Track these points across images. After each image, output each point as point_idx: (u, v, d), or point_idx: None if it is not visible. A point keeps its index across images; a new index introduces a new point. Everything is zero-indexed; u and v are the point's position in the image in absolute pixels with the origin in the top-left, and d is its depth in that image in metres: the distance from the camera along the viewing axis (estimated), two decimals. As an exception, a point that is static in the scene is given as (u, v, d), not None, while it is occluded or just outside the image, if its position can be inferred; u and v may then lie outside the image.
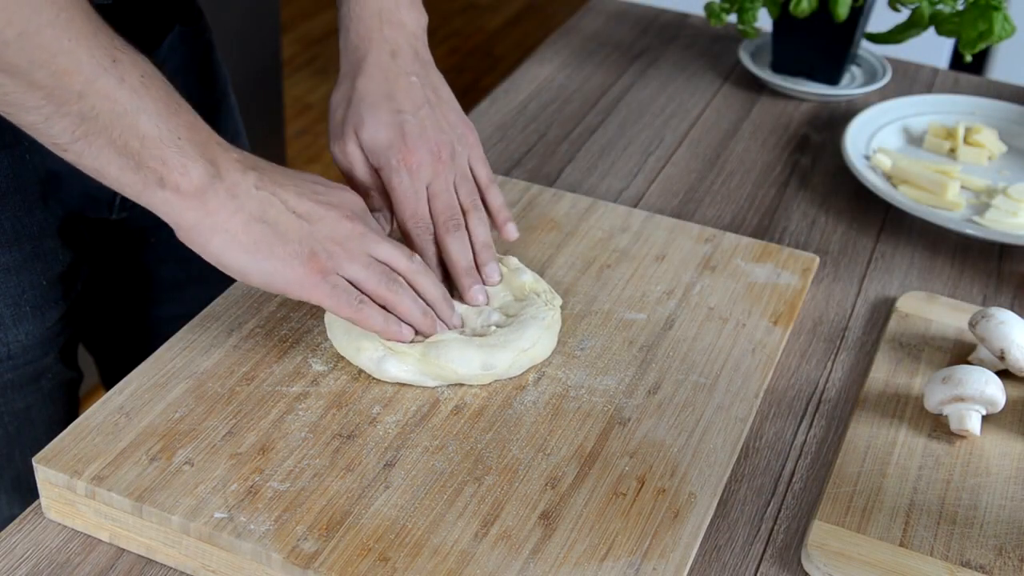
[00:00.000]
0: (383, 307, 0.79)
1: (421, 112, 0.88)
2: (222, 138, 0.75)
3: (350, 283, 0.78)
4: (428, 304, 0.82)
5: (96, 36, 0.68)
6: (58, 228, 0.93)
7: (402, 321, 0.80)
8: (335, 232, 0.77)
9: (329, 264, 0.76)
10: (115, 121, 0.69)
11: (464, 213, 0.88)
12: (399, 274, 0.80)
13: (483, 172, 0.91)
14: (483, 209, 0.89)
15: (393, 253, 0.80)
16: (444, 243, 0.87)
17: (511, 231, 0.91)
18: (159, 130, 0.70)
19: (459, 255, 0.86)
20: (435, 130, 0.88)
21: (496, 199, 0.91)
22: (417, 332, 0.81)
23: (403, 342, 0.80)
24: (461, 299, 0.86)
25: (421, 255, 0.86)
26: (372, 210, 0.89)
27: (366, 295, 0.78)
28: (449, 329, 0.83)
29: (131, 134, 0.69)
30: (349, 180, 0.89)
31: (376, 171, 0.88)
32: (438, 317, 0.82)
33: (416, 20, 0.91)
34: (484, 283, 0.87)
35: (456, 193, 0.88)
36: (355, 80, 0.88)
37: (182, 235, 0.74)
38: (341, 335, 0.81)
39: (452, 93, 0.92)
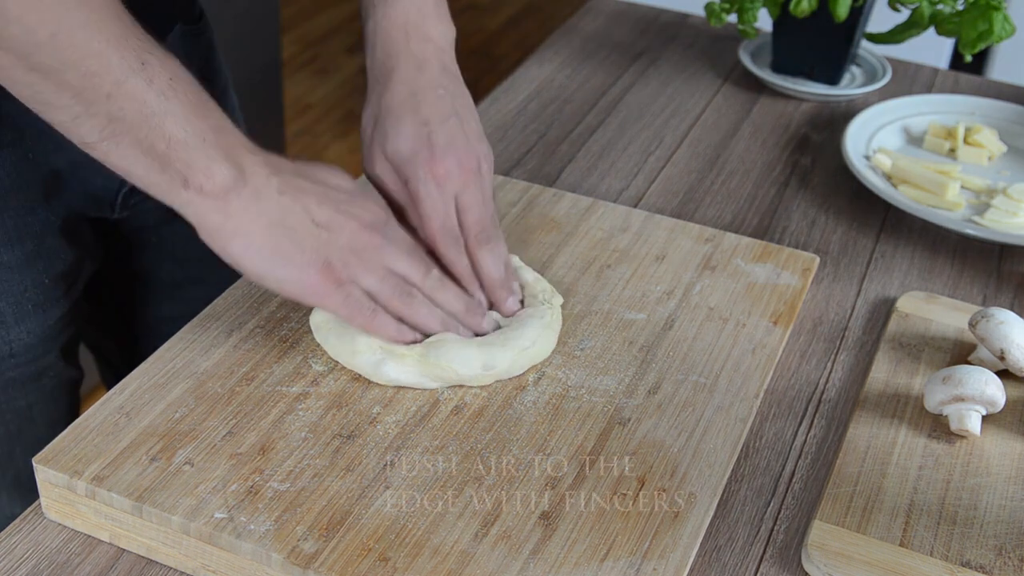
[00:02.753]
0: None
1: (449, 123, 0.84)
2: (251, 141, 0.75)
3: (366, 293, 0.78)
4: (451, 316, 0.81)
5: (127, 38, 0.68)
6: (60, 227, 0.93)
7: (417, 331, 0.80)
8: (353, 242, 0.77)
9: (344, 274, 0.76)
10: (142, 123, 0.69)
11: None
12: (415, 287, 0.80)
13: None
14: (500, 229, 0.86)
15: (410, 267, 0.80)
16: (476, 257, 0.84)
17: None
18: (185, 132, 0.70)
19: (493, 269, 0.84)
20: (463, 141, 0.85)
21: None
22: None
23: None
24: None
25: (452, 268, 0.84)
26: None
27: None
28: (483, 334, 0.82)
29: (157, 136, 0.70)
30: (386, 200, 0.86)
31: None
32: (464, 325, 0.82)
33: (443, 33, 0.88)
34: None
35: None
36: (381, 97, 0.86)
37: (203, 235, 0.74)
38: (334, 339, 0.81)
39: (476, 112, 0.89)
